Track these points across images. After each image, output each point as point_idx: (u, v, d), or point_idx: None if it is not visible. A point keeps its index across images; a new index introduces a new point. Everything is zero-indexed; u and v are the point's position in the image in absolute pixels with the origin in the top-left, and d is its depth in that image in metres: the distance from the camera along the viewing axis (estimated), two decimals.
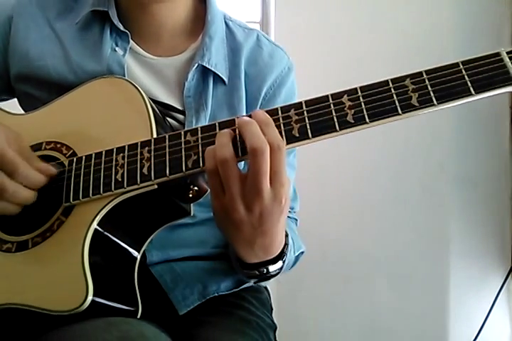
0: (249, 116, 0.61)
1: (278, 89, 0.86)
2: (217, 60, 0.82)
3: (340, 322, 1.84)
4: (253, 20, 1.81)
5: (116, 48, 0.80)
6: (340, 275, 1.81)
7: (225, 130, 0.61)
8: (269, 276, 0.71)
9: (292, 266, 0.83)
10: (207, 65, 0.80)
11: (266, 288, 0.93)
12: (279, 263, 0.70)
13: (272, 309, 0.91)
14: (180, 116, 0.80)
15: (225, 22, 0.88)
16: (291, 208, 0.92)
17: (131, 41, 0.81)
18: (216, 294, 0.80)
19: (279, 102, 0.86)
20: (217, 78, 0.82)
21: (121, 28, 0.80)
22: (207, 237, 0.85)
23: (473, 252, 1.82)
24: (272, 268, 0.70)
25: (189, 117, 0.80)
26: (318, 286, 1.83)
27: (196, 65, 0.80)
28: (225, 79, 0.82)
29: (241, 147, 0.60)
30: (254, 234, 0.61)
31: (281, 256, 0.69)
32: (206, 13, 0.85)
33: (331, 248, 1.76)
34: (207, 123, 0.65)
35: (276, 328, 0.87)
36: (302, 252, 0.86)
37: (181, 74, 0.82)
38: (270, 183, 0.57)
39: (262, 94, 0.84)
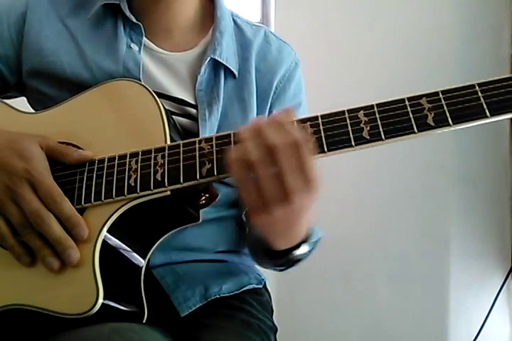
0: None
1: (287, 83, 0.89)
2: (228, 55, 0.84)
3: (340, 323, 1.84)
4: (253, 20, 1.80)
5: (132, 44, 0.81)
6: (340, 275, 1.81)
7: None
8: (296, 260, 0.72)
9: (310, 252, 0.80)
10: (219, 59, 0.82)
11: (267, 289, 0.93)
12: (306, 247, 0.70)
13: (272, 311, 0.91)
14: (193, 111, 0.82)
15: (233, 19, 0.90)
16: None
17: (144, 37, 0.82)
18: (218, 296, 0.80)
19: (289, 96, 0.88)
20: (228, 72, 0.84)
21: (134, 19, 0.81)
22: (211, 240, 0.86)
23: (473, 252, 1.82)
24: (300, 251, 0.70)
25: (202, 110, 0.81)
26: (318, 286, 1.83)
27: (208, 58, 0.82)
28: (236, 73, 0.84)
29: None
30: (290, 226, 0.62)
31: (306, 240, 0.70)
32: (215, 9, 0.87)
33: (331, 248, 1.76)
34: (221, 132, 0.65)
35: (276, 330, 0.87)
36: (319, 239, 0.85)
37: (193, 68, 0.83)
38: (299, 177, 0.55)
39: (273, 87, 0.87)
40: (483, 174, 1.83)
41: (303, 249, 0.70)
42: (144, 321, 0.66)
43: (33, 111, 0.84)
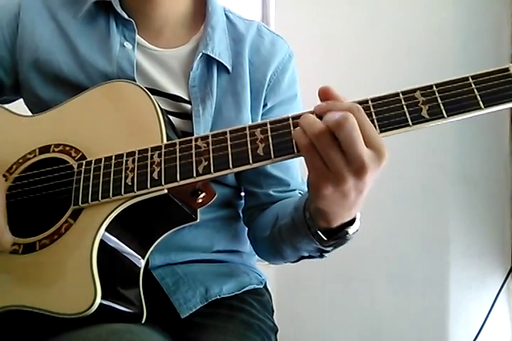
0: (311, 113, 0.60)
1: (281, 74, 0.89)
2: (220, 49, 0.84)
3: (340, 323, 1.84)
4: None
5: (125, 43, 0.82)
6: (340, 275, 1.81)
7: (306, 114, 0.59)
8: (348, 239, 0.68)
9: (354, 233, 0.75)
10: (211, 54, 0.82)
11: (267, 290, 0.93)
12: (357, 224, 0.67)
13: (273, 311, 0.91)
14: (188, 106, 0.82)
15: (225, 14, 0.90)
16: (303, 191, 0.91)
17: (136, 34, 0.82)
18: (218, 297, 0.80)
19: (283, 87, 0.89)
20: (221, 67, 0.84)
21: (126, 16, 0.82)
22: (208, 240, 0.86)
23: (473, 252, 1.82)
24: (353, 228, 0.67)
25: (195, 106, 0.81)
26: (318, 286, 1.83)
27: (200, 54, 0.82)
28: (229, 68, 0.84)
29: None
30: (358, 197, 0.59)
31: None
32: (206, 4, 0.87)
33: None
34: (217, 130, 0.65)
35: (277, 331, 0.87)
36: None
37: (186, 64, 0.84)
38: (368, 146, 0.55)
39: (267, 80, 0.87)
40: (483, 174, 1.83)
41: (355, 226, 0.67)
42: (143, 321, 0.66)
43: (31, 114, 0.84)
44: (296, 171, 0.91)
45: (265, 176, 0.87)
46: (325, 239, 0.68)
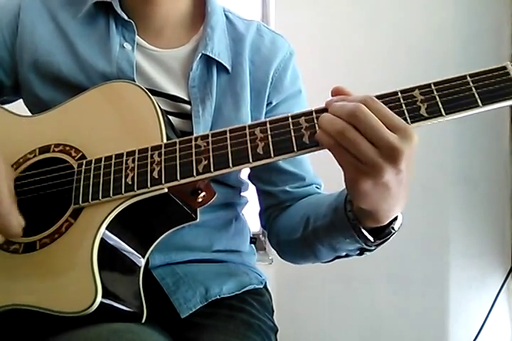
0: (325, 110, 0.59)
1: (283, 72, 0.89)
2: (219, 50, 0.84)
3: (340, 323, 1.84)
4: None
5: (125, 44, 0.82)
6: (341, 275, 1.81)
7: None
8: (393, 233, 0.68)
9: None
10: (210, 54, 0.82)
11: (267, 290, 0.93)
12: (401, 216, 0.67)
13: (273, 311, 0.91)
14: (188, 107, 0.82)
15: (225, 14, 0.91)
16: (319, 185, 0.91)
17: (136, 35, 0.82)
18: (218, 297, 0.80)
19: (286, 84, 0.89)
20: (221, 67, 0.84)
21: (125, 17, 0.82)
22: (208, 239, 0.86)
23: (473, 252, 1.82)
24: (397, 224, 0.67)
25: (195, 107, 0.81)
26: (318, 286, 1.83)
27: (200, 54, 0.82)
28: (229, 68, 0.84)
29: None
30: (399, 187, 0.59)
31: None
32: (206, 5, 0.87)
33: None
34: (217, 129, 0.65)
35: (277, 331, 0.87)
36: None
37: (185, 65, 0.84)
38: (392, 131, 0.54)
39: (269, 78, 0.87)
40: (483, 174, 1.83)
41: (399, 221, 0.66)
42: (143, 321, 0.66)
43: (30, 114, 0.84)
44: (308, 165, 0.90)
45: (278, 172, 0.87)
46: (372, 239, 0.67)
